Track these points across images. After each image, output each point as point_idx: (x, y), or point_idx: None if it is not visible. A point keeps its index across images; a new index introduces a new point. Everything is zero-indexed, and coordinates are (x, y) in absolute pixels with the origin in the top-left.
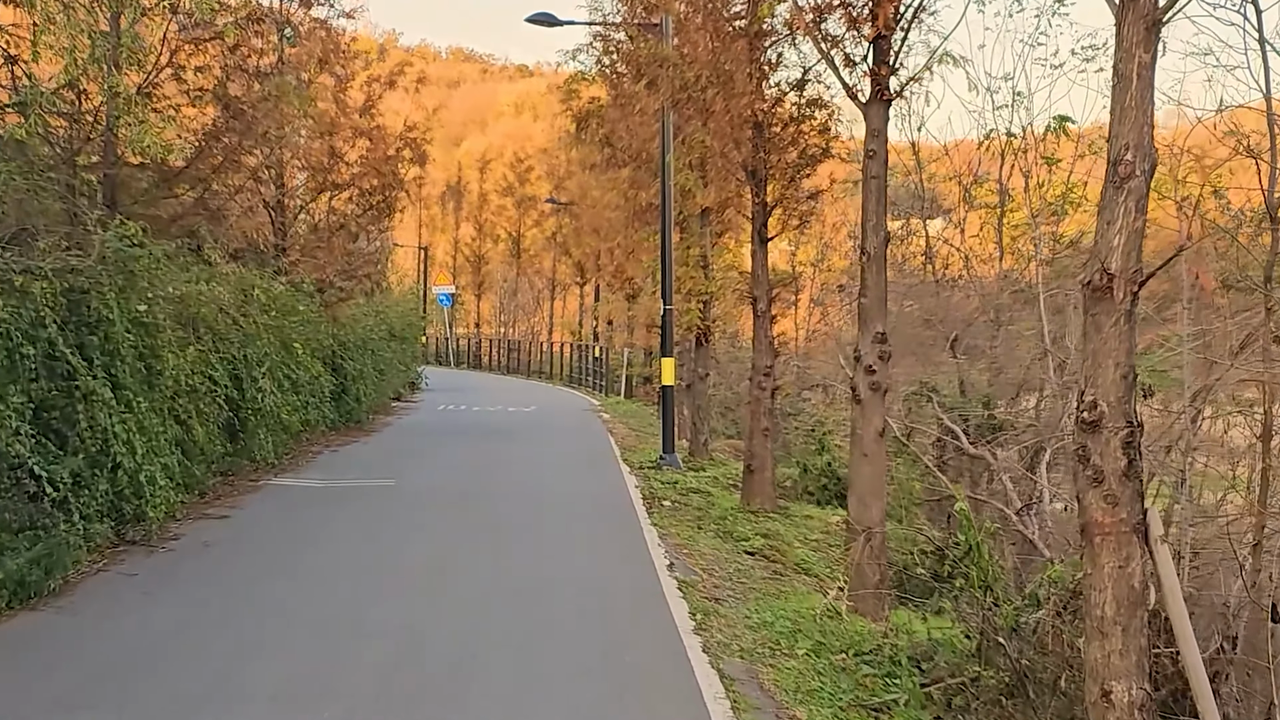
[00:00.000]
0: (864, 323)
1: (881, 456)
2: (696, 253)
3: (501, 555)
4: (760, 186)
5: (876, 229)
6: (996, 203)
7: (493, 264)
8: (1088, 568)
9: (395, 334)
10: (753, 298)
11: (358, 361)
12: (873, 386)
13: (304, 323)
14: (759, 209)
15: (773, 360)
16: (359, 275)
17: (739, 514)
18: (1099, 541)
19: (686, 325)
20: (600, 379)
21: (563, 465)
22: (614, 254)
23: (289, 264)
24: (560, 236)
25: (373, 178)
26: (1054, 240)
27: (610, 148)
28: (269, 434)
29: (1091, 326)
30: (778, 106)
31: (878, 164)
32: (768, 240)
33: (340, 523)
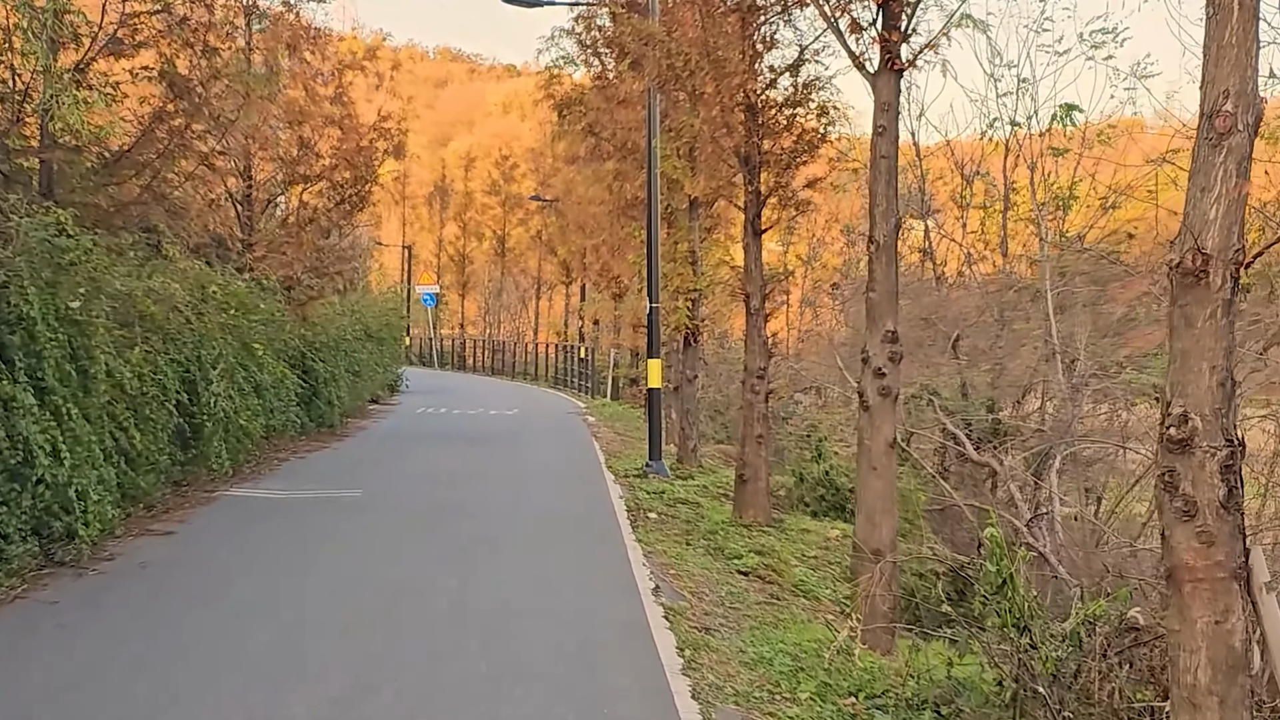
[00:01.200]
0: (872, 320)
1: (892, 470)
2: (684, 248)
3: (471, 580)
4: (754, 174)
5: (886, 215)
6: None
7: (477, 263)
8: (1175, 623)
9: (372, 334)
10: (745, 295)
11: (330, 363)
12: (882, 392)
13: (267, 322)
14: (752, 198)
15: (767, 362)
16: (330, 272)
17: (731, 528)
18: (1190, 590)
19: (674, 325)
20: (586, 380)
21: (543, 474)
22: (600, 252)
23: (254, 260)
24: (545, 235)
25: (345, 170)
26: (1060, 235)
27: (594, 137)
28: (224, 441)
29: (1180, 320)
30: (772, 88)
31: (887, 141)
32: (762, 232)
33: (295, 540)
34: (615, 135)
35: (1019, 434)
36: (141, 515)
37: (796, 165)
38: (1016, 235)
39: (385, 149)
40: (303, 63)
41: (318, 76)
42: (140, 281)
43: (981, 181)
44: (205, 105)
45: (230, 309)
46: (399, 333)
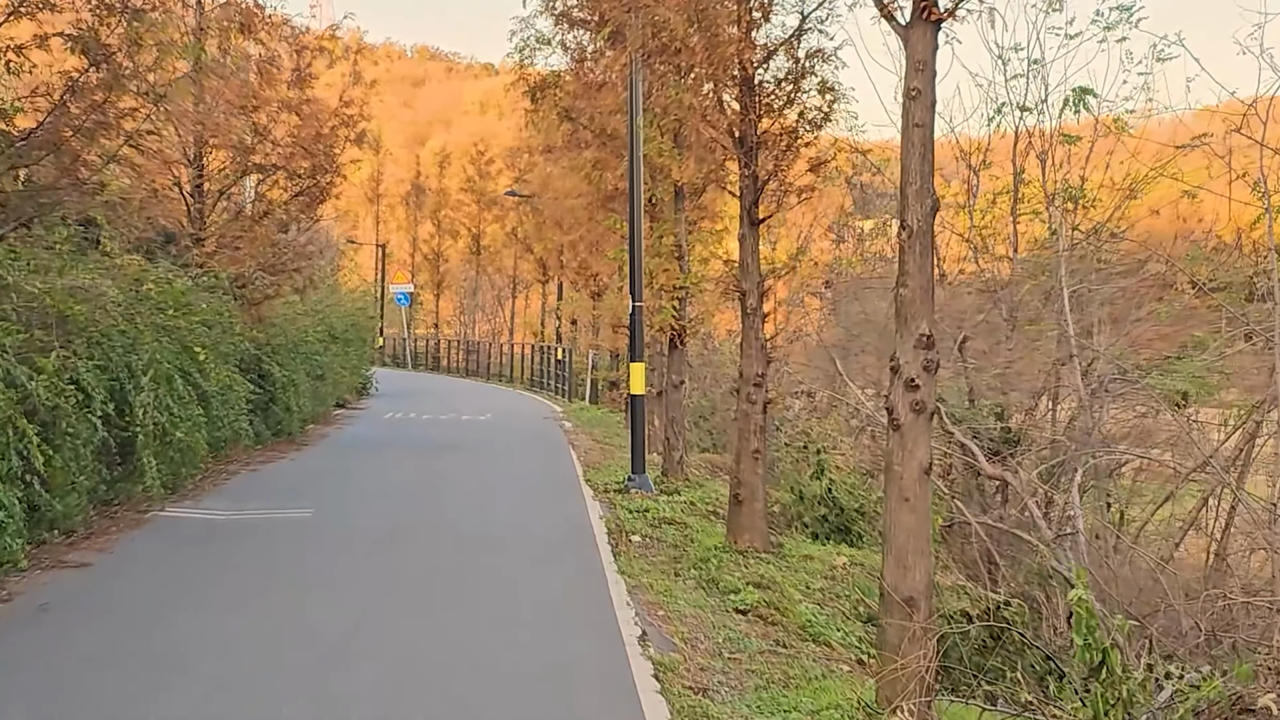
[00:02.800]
0: (903, 322)
1: (927, 502)
2: (670, 242)
3: (428, 626)
4: (750, 157)
5: (921, 195)
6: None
7: (452, 262)
8: None
9: (337, 335)
10: (740, 292)
11: (288, 367)
12: (916, 407)
13: (213, 323)
14: (749, 183)
15: (765, 367)
16: (288, 269)
17: (724, 554)
18: None
19: (659, 325)
20: (563, 383)
21: (516, 489)
22: (577, 248)
23: (204, 255)
24: (521, 232)
25: (303, 159)
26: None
27: (570, 122)
28: (159, 457)
29: None
30: (771, 60)
31: (922, 107)
32: (760, 222)
33: (228, 573)
34: (594, 120)
35: (1032, 443)
36: (58, 543)
37: (797, 147)
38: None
39: (347, 136)
40: (257, 43)
41: (274, 60)
42: (59, 278)
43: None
44: (129, 77)
45: (168, 308)
46: (367, 333)
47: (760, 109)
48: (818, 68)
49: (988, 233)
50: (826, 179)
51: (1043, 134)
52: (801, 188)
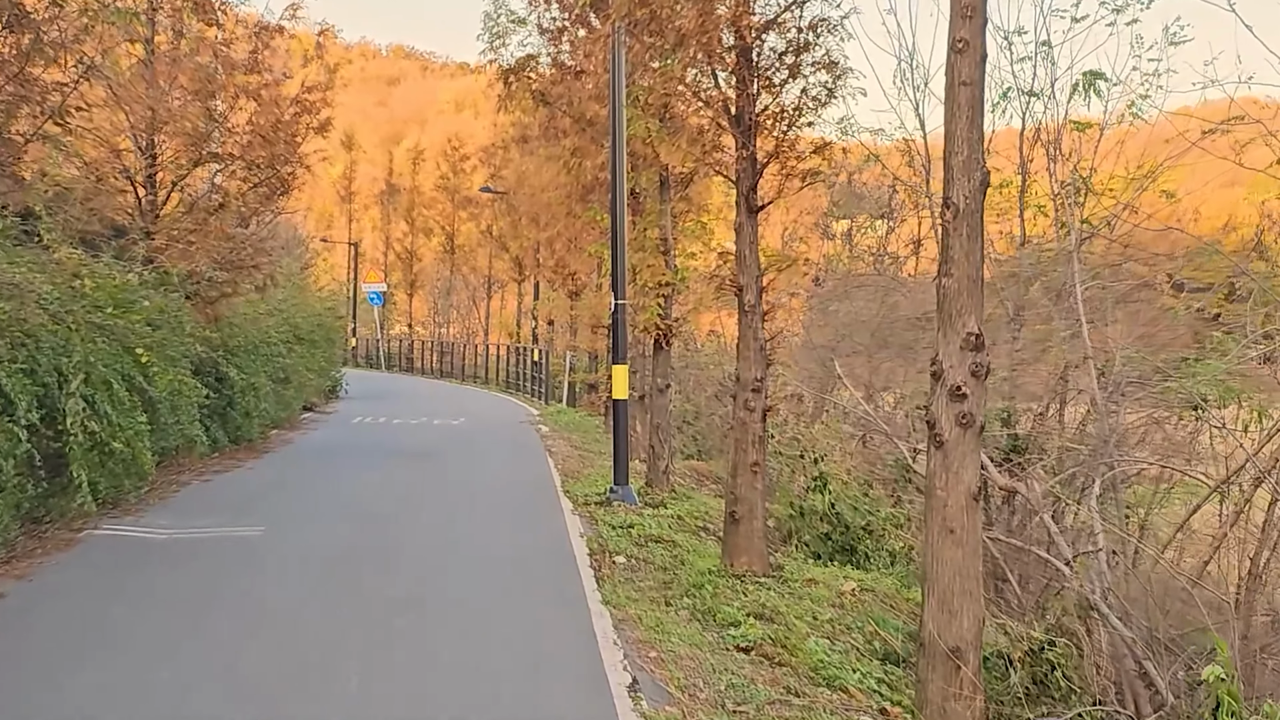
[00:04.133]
0: (946, 319)
1: (976, 532)
2: (655, 235)
3: (381, 676)
4: (748, 136)
5: (969, 167)
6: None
7: (426, 261)
8: None
9: (303, 336)
10: (737, 287)
11: (247, 370)
12: (962, 420)
13: (158, 322)
14: (746, 167)
15: (764, 371)
16: (245, 265)
17: (720, 579)
18: None
19: (643, 325)
20: (540, 385)
21: (489, 502)
22: (554, 246)
23: (153, 250)
24: (496, 230)
25: (261, 148)
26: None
27: (547, 106)
28: (94, 468)
29: None
30: (770, 30)
31: (970, 62)
32: (758, 209)
33: (159, 608)
34: (572, 105)
35: (1042, 451)
36: None
37: (799, 127)
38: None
39: (310, 124)
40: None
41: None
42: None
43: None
44: (54, 45)
45: (107, 306)
46: (336, 334)
47: (759, 85)
48: (822, 39)
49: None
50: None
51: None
52: (805, 171)
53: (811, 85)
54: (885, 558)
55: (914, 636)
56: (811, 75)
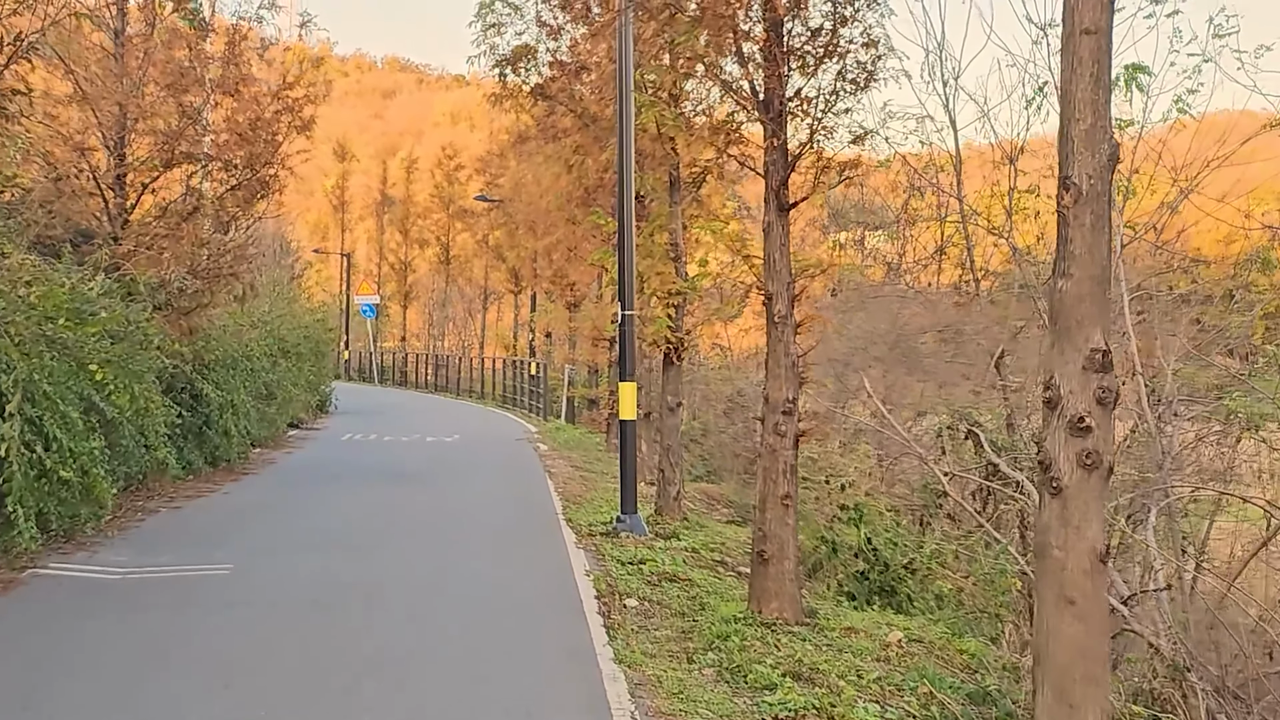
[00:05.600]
0: (1062, 330)
1: (1102, 603)
2: (663, 240)
3: None
4: (779, 124)
5: (1093, 138)
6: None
7: (420, 272)
8: None
9: (289, 349)
10: (765, 295)
11: (226, 386)
12: (1086, 461)
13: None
14: (777, 158)
15: (797, 391)
16: (223, 273)
17: (747, 627)
18: None
19: (651, 338)
20: (537, 400)
21: (484, 531)
22: (552, 255)
23: (120, 256)
24: (493, 240)
25: (239, 147)
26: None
27: (547, 100)
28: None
29: None
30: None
31: (1093, 4)
32: (790, 207)
33: (96, 663)
34: (574, 99)
35: None
36: None
37: (835, 113)
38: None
39: (291, 123)
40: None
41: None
42: None
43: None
44: None
45: (59, 317)
46: (326, 347)
47: (790, 64)
48: (862, 13)
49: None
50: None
51: None
52: (843, 164)
53: (849, 67)
54: (931, 601)
55: (975, 698)
56: (849, 54)
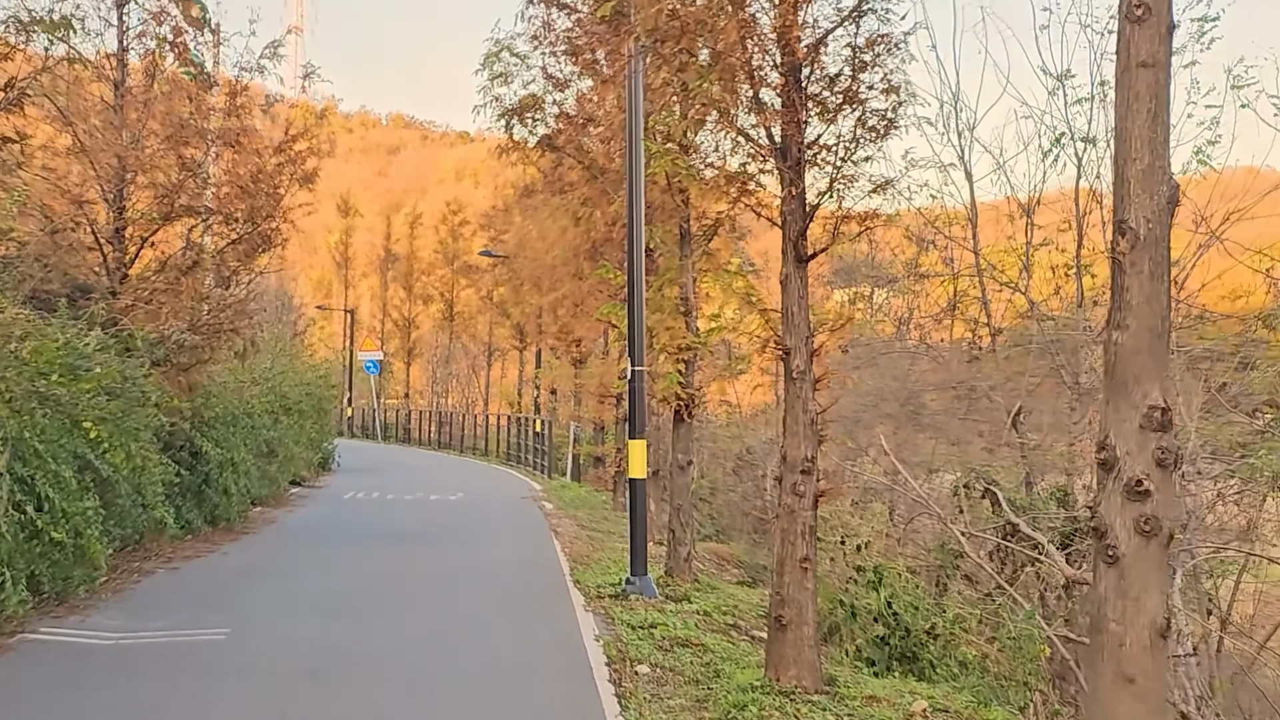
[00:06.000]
0: (1119, 385)
1: (1161, 681)
2: (674, 294)
3: None
4: (797, 172)
5: (1151, 179)
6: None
7: (424, 328)
8: None
9: (291, 406)
10: (783, 350)
11: (225, 444)
12: (1145, 527)
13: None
14: (794, 208)
15: (816, 449)
16: (224, 329)
17: (765, 696)
18: None
19: (661, 394)
20: (542, 458)
21: (489, 593)
22: (557, 311)
23: (118, 311)
24: (497, 296)
25: (240, 200)
26: None
27: (555, 151)
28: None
29: None
30: (823, 45)
31: (1149, 36)
32: (808, 259)
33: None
34: (582, 151)
35: None
36: None
37: (854, 160)
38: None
39: (293, 175)
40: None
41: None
42: None
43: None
44: None
45: (51, 374)
46: (329, 404)
47: (808, 110)
48: (882, 58)
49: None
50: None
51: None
52: (863, 215)
53: (869, 114)
54: (953, 667)
55: None
56: (869, 101)
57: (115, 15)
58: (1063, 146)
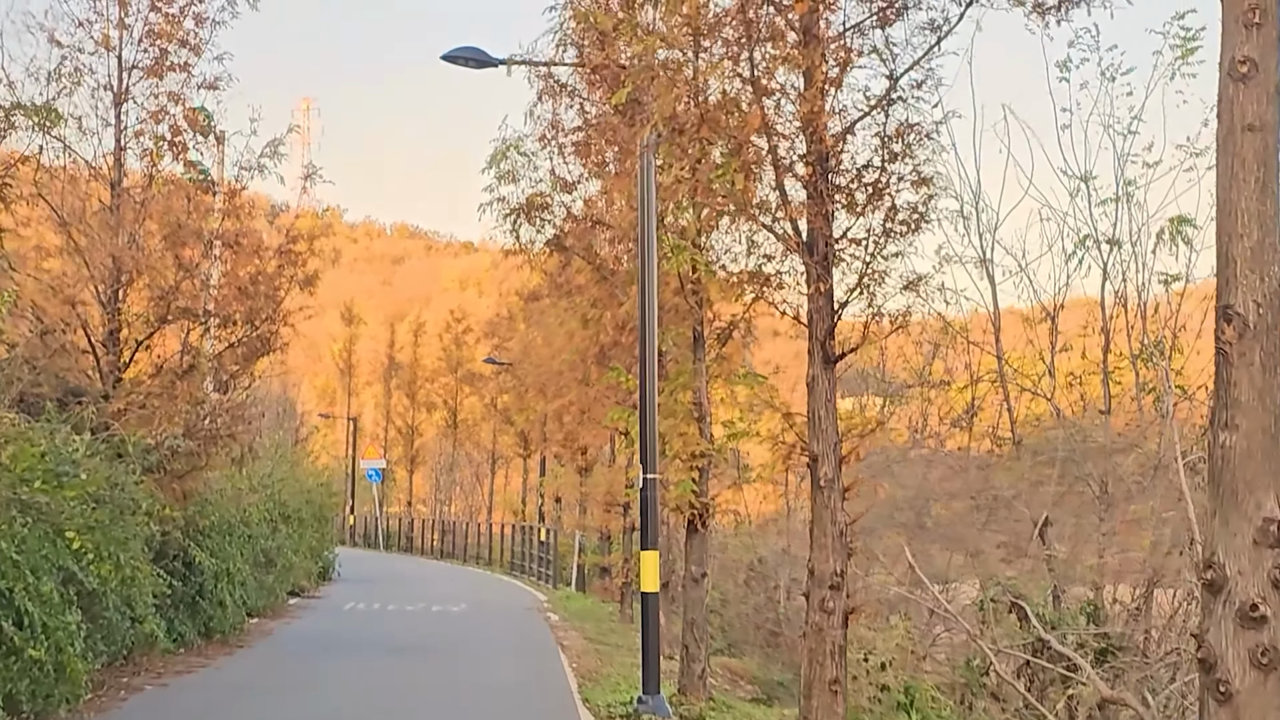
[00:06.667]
0: (1228, 493)
1: None
2: (687, 399)
3: None
4: (824, 268)
5: (1259, 257)
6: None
7: (427, 436)
8: None
9: (291, 514)
10: (810, 456)
11: (222, 554)
12: (1262, 659)
13: (104, 498)
14: (822, 305)
15: (845, 563)
16: (220, 435)
17: None
18: None
19: (674, 503)
20: (547, 567)
21: (492, 713)
22: (563, 418)
23: (110, 415)
24: (501, 403)
25: (238, 302)
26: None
27: (563, 250)
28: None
29: None
30: (850, 135)
31: (1259, 94)
32: (836, 359)
33: None
34: (590, 248)
35: (1143, 656)
36: None
37: (882, 255)
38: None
39: (293, 277)
40: (186, 164)
41: (210, 190)
42: None
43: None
44: None
45: (34, 480)
46: (329, 512)
47: (835, 202)
48: (912, 149)
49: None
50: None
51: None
52: (894, 314)
53: (899, 208)
54: None
55: None
56: (899, 194)
57: (113, 114)
58: (1087, 249)
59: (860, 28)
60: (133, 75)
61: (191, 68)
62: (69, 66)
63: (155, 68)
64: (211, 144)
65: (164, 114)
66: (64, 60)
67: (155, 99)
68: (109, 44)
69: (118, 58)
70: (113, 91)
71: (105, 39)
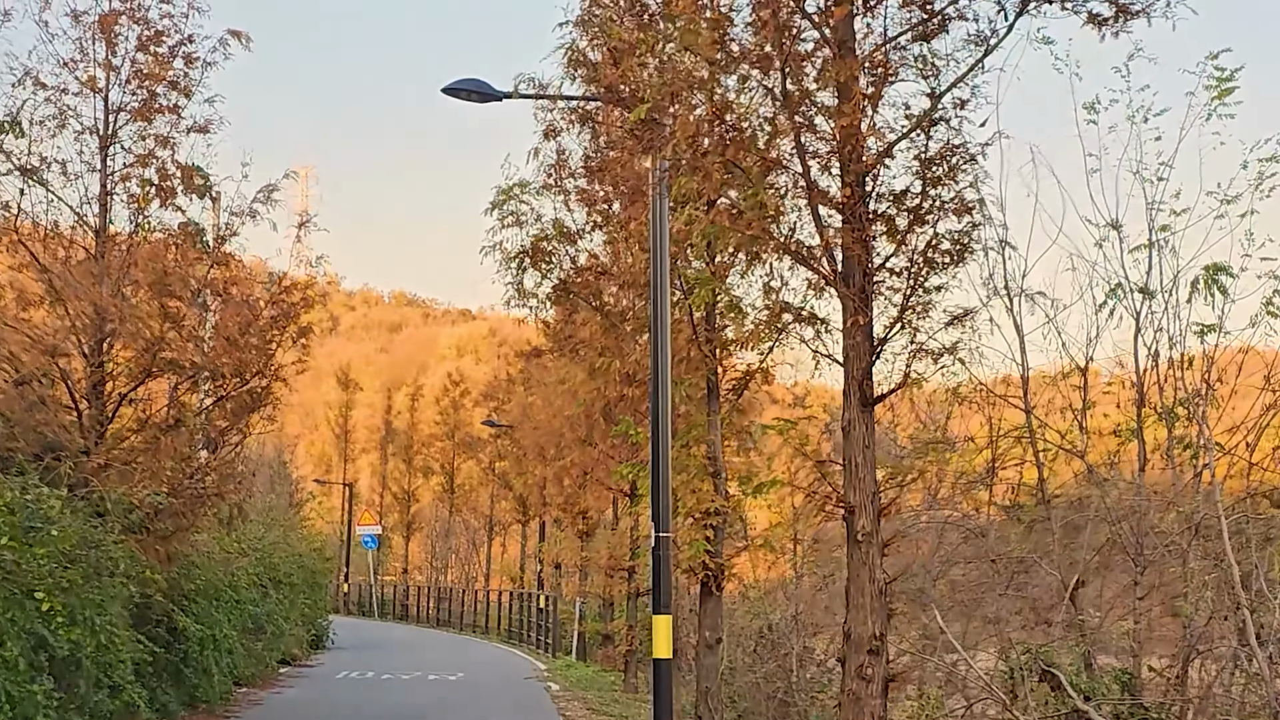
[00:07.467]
0: None
1: None
2: (701, 453)
3: None
4: (862, 300)
5: None
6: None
7: (424, 502)
8: None
9: (282, 579)
10: (845, 508)
11: (208, 620)
12: None
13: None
14: (859, 341)
15: (885, 625)
16: (208, 494)
17: None
18: None
19: (686, 564)
20: (546, 635)
21: None
22: (564, 482)
23: (89, 471)
24: (499, 468)
25: (227, 354)
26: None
27: (569, 296)
28: None
29: None
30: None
31: None
32: (875, 402)
33: None
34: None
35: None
36: None
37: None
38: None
39: (284, 330)
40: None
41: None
42: None
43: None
44: None
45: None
46: (323, 578)
47: (873, 230)
48: (955, 173)
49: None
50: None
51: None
52: (940, 350)
53: (938, 237)
54: None
55: None
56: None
57: (99, 158)
58: (1119, 299)
59: (899, 41)
60: (119, 118)
61: (181, 110)
62: (53, 109)
63: (143, 110)
64: (207, 204)
65: (152, 158)
66: (48, 102)
67: (143, 142)
68: (95, 85)
69: (104, 99)
70: (99, 135)
71: (91, 80)
